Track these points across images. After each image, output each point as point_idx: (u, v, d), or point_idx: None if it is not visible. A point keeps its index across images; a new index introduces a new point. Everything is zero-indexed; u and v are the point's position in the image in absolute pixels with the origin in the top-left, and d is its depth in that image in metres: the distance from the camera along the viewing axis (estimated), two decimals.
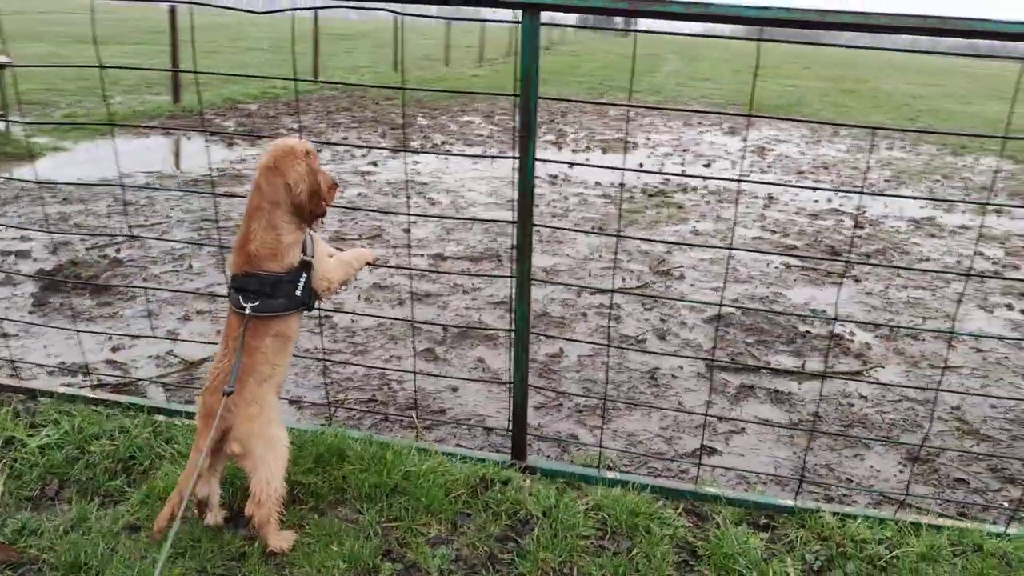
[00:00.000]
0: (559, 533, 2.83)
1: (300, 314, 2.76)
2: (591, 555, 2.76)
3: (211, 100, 13.78)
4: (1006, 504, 3.41)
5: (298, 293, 2.68)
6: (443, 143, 11.81)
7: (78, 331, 3.82)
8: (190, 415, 3.44)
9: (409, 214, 4.14)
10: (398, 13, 2.88)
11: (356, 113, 14.13)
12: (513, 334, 3.10)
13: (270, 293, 2.62)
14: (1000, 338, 5.27)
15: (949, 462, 3.76)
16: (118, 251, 5.91)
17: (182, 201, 7.38)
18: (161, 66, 17.48)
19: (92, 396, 3.54)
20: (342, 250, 2.97)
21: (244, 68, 20.09)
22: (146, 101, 13.25)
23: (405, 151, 3.10)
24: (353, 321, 4.94)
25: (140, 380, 4.03)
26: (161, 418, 3.43)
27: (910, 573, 2.73)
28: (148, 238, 6.15)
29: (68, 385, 3.86)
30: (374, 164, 9.99)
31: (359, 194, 8.38)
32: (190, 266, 5.72)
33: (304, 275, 2.70)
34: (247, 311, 2.59)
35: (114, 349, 4.39)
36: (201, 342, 4.49)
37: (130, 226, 6.57)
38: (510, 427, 3.27)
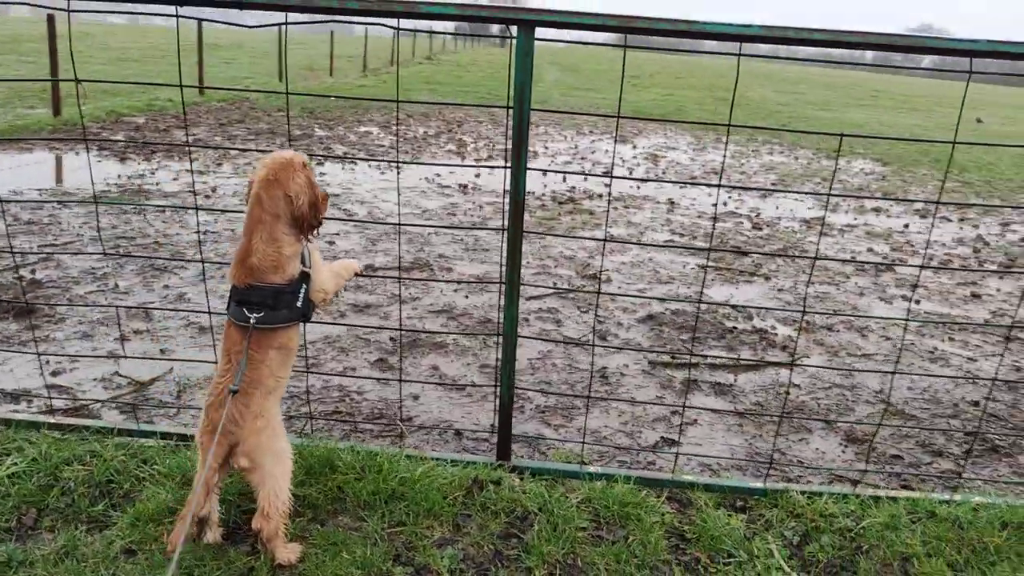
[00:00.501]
0: (558, 527, 2.94)
1: (299, 326, 2.77)
2: (591, 545, 2.89)
3: (94, 113, 13.15)
4: (937, 477, 3.75)
5: (299, 304, 2.69)
6: (345, 154, 11.71)
7: (38, 354, 3.65)
8: (165, 435, 3.36)
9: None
10: (396, 28, 2.93)
11: (250, 125, 13.80)
12: (501, 337, 3.19)
13: (272, 305, 2.63)
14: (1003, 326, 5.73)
15: (883, 440, 4.10)
16: (33, 272, 5.62)
17: (90, 218, 7.07)
18: (31, 76, 16.58)
19: (54, 422, 3.40)
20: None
21: (117, 79, 19.21)
22: (23, 115, 12.52)
23: (398, 163, 3.16)
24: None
25: (93, 403, 3.88)
26: (132, 439, 3.33)
27: (878, 541, 2.99)
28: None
29: (15, 411, 3.68)
30: None
31: None
32: (116, 285, 5.50)
33: (304, 286, 2.72)
34: (252, 323, 2.59)
35: (54, 373, 4.19)
36: (145, 358, 4.35)
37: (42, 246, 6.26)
38: (495, 428, 3.36)
